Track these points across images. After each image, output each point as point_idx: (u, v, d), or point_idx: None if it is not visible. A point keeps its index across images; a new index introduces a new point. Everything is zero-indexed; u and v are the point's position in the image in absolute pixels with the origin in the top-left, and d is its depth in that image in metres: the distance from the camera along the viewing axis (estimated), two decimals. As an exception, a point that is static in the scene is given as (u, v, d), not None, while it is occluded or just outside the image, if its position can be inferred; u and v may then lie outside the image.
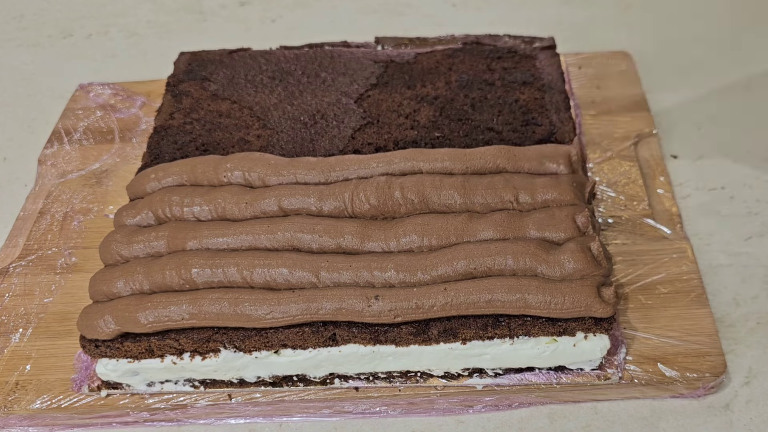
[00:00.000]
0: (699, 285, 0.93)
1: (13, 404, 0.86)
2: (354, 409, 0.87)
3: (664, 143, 1.14)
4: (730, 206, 1.05)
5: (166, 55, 1.35)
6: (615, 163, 1.07)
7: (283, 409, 0.87)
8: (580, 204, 0.86)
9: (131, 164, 1.12)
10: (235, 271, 0.82)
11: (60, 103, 1.27)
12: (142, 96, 1.24)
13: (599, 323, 0.80)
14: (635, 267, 0.95)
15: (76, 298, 0.96)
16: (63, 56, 1.43)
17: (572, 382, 0.85)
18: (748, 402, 0.86)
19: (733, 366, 0.89)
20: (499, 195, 0.86)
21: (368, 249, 0.83)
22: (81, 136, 1.18)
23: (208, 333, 0.82)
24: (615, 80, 1.21)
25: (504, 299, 0.78)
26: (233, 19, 1.49)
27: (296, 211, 0.87)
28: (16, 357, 0.91)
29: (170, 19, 1.50)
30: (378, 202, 0.86)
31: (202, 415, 0.87)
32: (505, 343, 0.82)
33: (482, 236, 0.83)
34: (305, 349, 0.83)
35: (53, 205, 1.08)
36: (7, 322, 0.94)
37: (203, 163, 0.92)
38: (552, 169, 0.89)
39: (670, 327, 0.89)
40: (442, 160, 0.89)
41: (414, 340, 0.82)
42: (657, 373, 0.85)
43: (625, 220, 1.00)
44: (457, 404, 0.87)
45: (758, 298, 0.95)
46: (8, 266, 1.00)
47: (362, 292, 0.80)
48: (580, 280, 0.79)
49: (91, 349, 0.83)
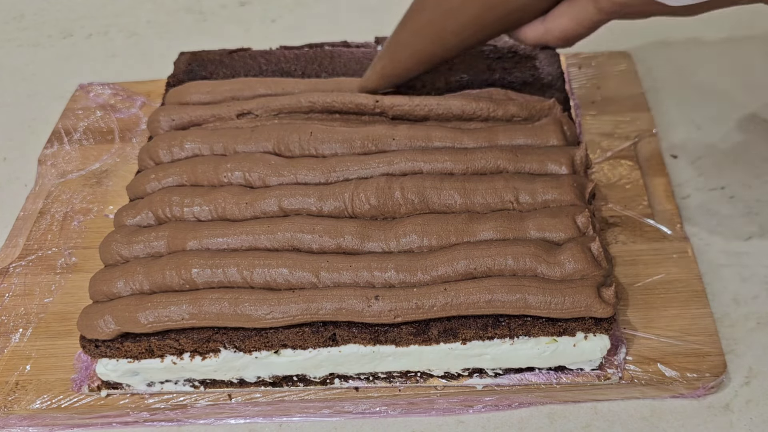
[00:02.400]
0: (699, 285, 0.93)
1: (13, 404, 0.86)
2: (354, 409, 0.87)
3: (664, 143, 1.14)
4: (730, 206, 1.05)
5: (166, 55, 1.35)
6: (615, 163, 1.07)
7: (283, 409, 0.87)
8: (581, 204, 0.86)
9: (131, 164, 1.12)
10: (235, 272, 0.82)
11: (60, 103, 1.27)
12: (142, 96, 1.24)
13: (599, 323, 0.80)
14: (635, 267, 0.95)
15: (76, 298, 0.96)
16: (63, 56, 1.43)
17: (572, 382, 0.85)
18: (748, 402, 0.86)
19: (733, 366, 0.89)
20: (499, 195, 0.86)
21: (368, 249, 0.83)
22: (81, 136, 1.18)
23: (208, 333, 0.82)
24: (615, 80, 1.21)
25: (504, 299, 0.78)
26: (233, 19, 1.49)
27: (296, 211, 0.87)
28: (16, 357, 0.91)
29: (170, 19, 1.50)
30: (378, 203, 0.86)
31: (202, 415, 0.87)
32: (505, 343, 0.82)
33: (482, 236, 0.83)
34: (305, 349, 0.83)
35: (53, 205, 1.08)
36: (7, 322, 0.94)
37: (203, 163, 0.92)
38: (553, 170, 0.89)
39: (670, 327, 0.89)
40: (443, 161, 0.89)
41: (414, 341, 0.82)
42: (657, 373, 0.85)
43: (626, 220, 1.00)
44: (457, 404, 0.87)
45: (758, 298, 0.95)
46: (8, 266, 1.00)
47: (362, 292, 0.80)
48: (581, 280, 0.79)
49: (91, 349, 0.83)
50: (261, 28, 1.46)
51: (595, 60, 1.25)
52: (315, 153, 0.93)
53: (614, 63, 1.25)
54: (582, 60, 1.25)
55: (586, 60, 1.25)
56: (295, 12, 1.50)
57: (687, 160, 1.12)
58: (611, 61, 1.25)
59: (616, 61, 1.25)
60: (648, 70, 1.27)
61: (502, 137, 0.92)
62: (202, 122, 1.00)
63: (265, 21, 1.48)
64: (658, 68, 1.28)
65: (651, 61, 1.29)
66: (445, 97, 0.98)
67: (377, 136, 0.93)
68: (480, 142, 0.92)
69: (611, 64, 1.24)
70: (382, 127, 0.94)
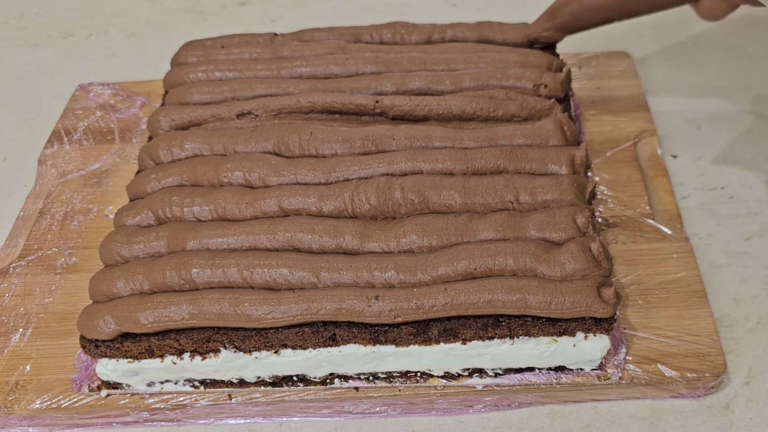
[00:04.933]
0: (699, 285, 0.93)
1: (13, 404, 0.86)
2: (354, 409, 0.87)
3: (664, 143, 1.14)
4: (730, 206, 1.05)
5: (166, 55, 1.35)
6: (615, 163, 1.07)
7: (283, 409, 0.87)
8: (581, 204, 0.86)
9: (131, 164, 1.12)
10: (236, 272, 0.82)
11: (60, 103, 1.27)
12: (142, 96, 1.24)
13: (599, 323, 0.80)
14: (635, 267, 0.95)
15: (76, 298, 0.96)
16: (63, 56, 1.43)
17: (572, 382, 0.85)
18: (748, 402, 0.86)
19: (733, 366, 0.89)
20: (499, 195, 0.86)
21: (368, 249, 0.83)
22: (81, 136, 1.18)
23: (208, 333, 0.82)
24: (615, 80, 1.21)
25: (504, 299, 0.78)
26: (233, 19, 1.49)
27: (296, 211, 0.87)
28: (16, 357, 0.91)
29: (170, 19, 1.51)
30: (378, 203, 0.86)
31: (202, 415, 0.87)
32: (505, 343, 0.82)
33: (482, 236, 0.83)
34: (305, 349, 0.83)
35: (53, 205, 1.08)
36: (7, 322, 0.94)
37: (203, 163, 0.92)
38: (554, 170, 0.89)
39: (670, 327, 0.89)
40: (443, 161, 0.89)
41: (414, 341, 0.82)
42: (657, 373, 0.85)
43: (626, 221, 1.00)
44: (457, 404, 0.87)
45: (758, 298, 0.95)
46: (8, 266, 1.00)
47: (362, 292, 0.80)
48: (581, 280, 0.79)
49: (91, 349, 0.83)
50: (261, 28, 1.46)
51: (595, 60, 1.25)
52: (315, 153, 0.93)
53: (614, 63, 1.25)
54: (582, 60, 1.25)
55: (586, 60, 1.25)
56: (295, 12, 1.50)
57: (687, 160, 1.12)
58: (611, 61, 1.25)
59: (616, 61, 1.25)
60: (648, 70, 1.27)
61: (502, 137, 0.92)
62: (202, 122, 1.00)
63: (265, 21, 1.48)
64: (658, 68, 1.28)
65: (651, 61, 1.29)
66: (445, 97, 0.98)
67: (377, 136, 0.93)
68: (480, 142, 0.92)
69: (611, 64, 1.24)
70: (382, 127, 0.94)
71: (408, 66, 1.03)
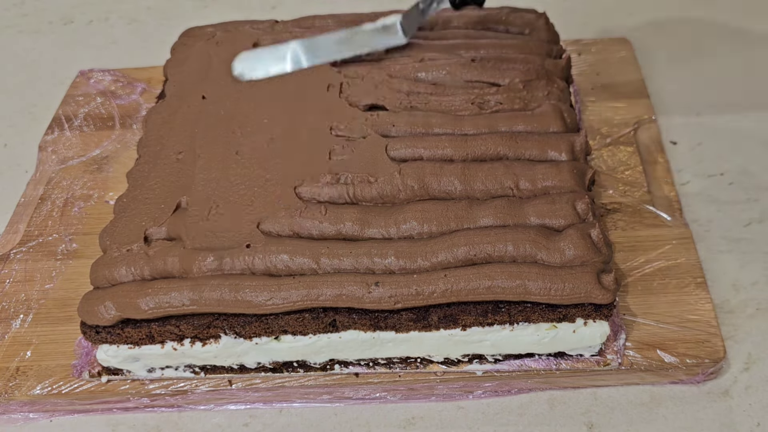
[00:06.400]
0: (699, 271, 0.93)
1: (14, 390, 0.86)
2: (354, 395, 0.87)
3: (664, 129, 1.14)
4: (730, 192, 1.05)
5: (166, 42, 1.34)
6: (615, 150, 1.07)
7: (284, 395, 0.87)
8: (581, 191, 0.86)
9: (132, 150, 1.12)
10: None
11: (60, 90, 1.27)
12: (143, 82, 1.24)
13: (599, 309, 0.80)
14: (635, 253, 0.95)
15: (76, 284, 0.96)
16: (63, 43, 1.43)
17: (572, 368, 0.86)
18: (748, 388, 0.86)
19: (732, 352, 0.89)
20: (499, 182, 0.86)
21: (368, 235, 0.83)
22: (81, 122, 1.18)
23: (209, 319, 0.82)
24: (614, 67, 1.21)
25: (504, 285, 0.78)
26: (234, 5, 1.49)
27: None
28: (17, 343, 0.91)
29: (171, 6, 1.50)
30: (378, 189, 0.86)
31: (202, 401, 0.87)
32: (505, 329, 0.82)
33: (482, 223, 0.83)
34: (305, 335, 0.83)
35: (54, 191, 1.08)
36: (7, 308, 0.94)
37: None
38: (553, 157, 0.89)
39: (669, 313, 0.89)
40: (443, 147, 0.89)
41: (414, 327, 0.82)
42: (656, 359, 0.85)
43: (625, 207, 1.00)
44: (457, 390, 0.87)
45: (757, 284, 0.95)
46: (9, 252, 1.00)
47: (362, 278, 0.80)
48: (580, 266, 0.79)
49: (92, 335, 0.83)
50: (261, 14, 1.45)
51: (594, 47, 1.25)
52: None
53: (614, 49, 1.25)
54: (581, 47, 1.25)
55: (586, 47, 1.25)
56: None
57: (686, 147, 1.12)
58: (611, 48, 1.25)
59: (615, 48, 1.25)
60: (647, 56, 1.27)
61: (502, 124, 0.92)
62: None
63: (266, 7, 1.48)
64: (658, 55, 1.28)
65: (650, 47, 1.29)
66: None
67: (377, 123, 0.93)
68: (480, 129, 0.92)
69: (611, 51, 1.24)
70: (382, 113, 0.94)
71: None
